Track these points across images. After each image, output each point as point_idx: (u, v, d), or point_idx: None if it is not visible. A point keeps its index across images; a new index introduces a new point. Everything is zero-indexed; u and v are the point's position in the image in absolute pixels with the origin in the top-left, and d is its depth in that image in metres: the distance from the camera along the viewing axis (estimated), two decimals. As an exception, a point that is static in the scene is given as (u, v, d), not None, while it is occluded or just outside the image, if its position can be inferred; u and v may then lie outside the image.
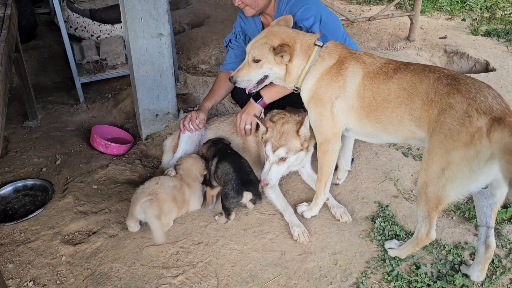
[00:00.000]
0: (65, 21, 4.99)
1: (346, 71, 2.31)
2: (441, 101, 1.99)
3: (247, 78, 2.44)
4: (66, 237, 2.58)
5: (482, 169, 1.86)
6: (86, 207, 2.79)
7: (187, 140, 3.02)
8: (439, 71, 2.12)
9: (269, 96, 2.79)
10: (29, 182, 3.04)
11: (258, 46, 2.37)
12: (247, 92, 2.58)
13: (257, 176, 2.68)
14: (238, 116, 2.87)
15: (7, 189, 2.98)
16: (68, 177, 3.12)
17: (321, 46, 2.38)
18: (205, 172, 2.83)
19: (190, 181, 2.73)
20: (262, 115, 2.85)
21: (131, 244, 2.50)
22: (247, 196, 2.52)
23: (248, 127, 2.85)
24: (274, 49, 2.33)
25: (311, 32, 2.60)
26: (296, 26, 2.62)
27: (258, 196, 2.55)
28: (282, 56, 2.34)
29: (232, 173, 2.57)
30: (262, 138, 2.71)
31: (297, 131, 2.60)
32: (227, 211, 2.59)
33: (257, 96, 2.79)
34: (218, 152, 2.78)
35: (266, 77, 2.47)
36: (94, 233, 2.60)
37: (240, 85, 2.49)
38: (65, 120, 3.87)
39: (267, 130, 2.65)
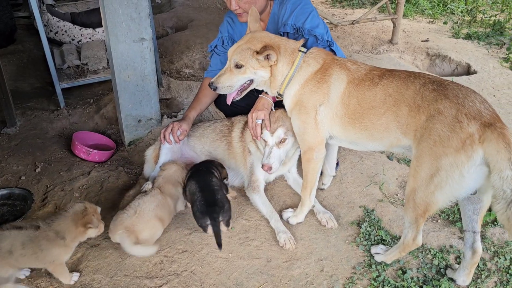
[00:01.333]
0: (45, 25, 4.91)
1: (331, 77, 2.29)
2: (428, 107, 1.99)
3: (229, 84, 2.37)
4: (46, 248, 2.50)
5: (472, 175, 1.86)
6: (67, 216, 2.72)
7: (168, 151, 2.92)
8: (424, 76, 2.12)
9: None
10: (5, 191, 2.93)
11: (241, 51, 2.32)
12: (229, 102, 2.49)
13: (225, 196, 2.56)
14: (249, 115, 2.64)
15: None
16: (48, 186, 3.04)
17: (305, 52, 2.37)
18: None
19: (171, 188, 2.67)
20: (273, 108, 2.67)
21: (113, 254, 2.44)
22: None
23: (259, 121, 2.59)
24: (257, 53, 2.29)
25: (327, 41, 2.61)
26: (309, 35, 2.60)
27: (217, 219, 2.41)
28: (268, 58, 2.30)
29: (197, 193, 2.50)
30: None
31: None
32: (202, 228, 2.49)
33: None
34: (191, 170, 2.72)
35: (250, 82, 2.44)
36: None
37: (220, 91, 2.41)
38: (45, 126, 3.78)
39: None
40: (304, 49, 2.38)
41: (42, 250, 2.14)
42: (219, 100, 3.11)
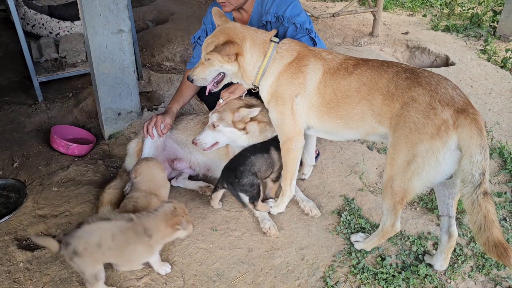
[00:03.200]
0: (21, 18, 4.82)
1: (307, 68, 2.30)
2: (402, 95, 2.01)
3: (202, 76, 2.43)
4: (24, 243, 2.47)
5: (448, 160, 1.90)
6: (46, 211, 2.68)
7: (151, 145, 2.88)
8: (397, 65, 2.15)
9: None
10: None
11: (207, 46, 2.36)
12: (206, 93, 2.55)
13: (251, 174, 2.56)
14: (222, 93, 2.71)
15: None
16: (27, 180, 2.99)
17: (277, 42, 2.37)
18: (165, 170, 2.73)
19: (159, 190, 2.57)
20: (243, 96, 2.74)
21: (93, 247, 2.42)
22: None
23: (221, 100, 2.69)
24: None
25: (307, 29, 2.63)
26: (289, 23, 2.62)
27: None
28: (227, 55, 2.31)
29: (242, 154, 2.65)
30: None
31: (238, 108, 2.60)
32: None
33: None
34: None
35: (224, 75, 2.45)
36: (54, 237, 2.48)
37: (197, 83, 2.47)
38: (22, 121, 3.71)
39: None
40: (276, 39, 2.38)
41: (129, 245, 2.05)
42: (202, 91, 3.10)
